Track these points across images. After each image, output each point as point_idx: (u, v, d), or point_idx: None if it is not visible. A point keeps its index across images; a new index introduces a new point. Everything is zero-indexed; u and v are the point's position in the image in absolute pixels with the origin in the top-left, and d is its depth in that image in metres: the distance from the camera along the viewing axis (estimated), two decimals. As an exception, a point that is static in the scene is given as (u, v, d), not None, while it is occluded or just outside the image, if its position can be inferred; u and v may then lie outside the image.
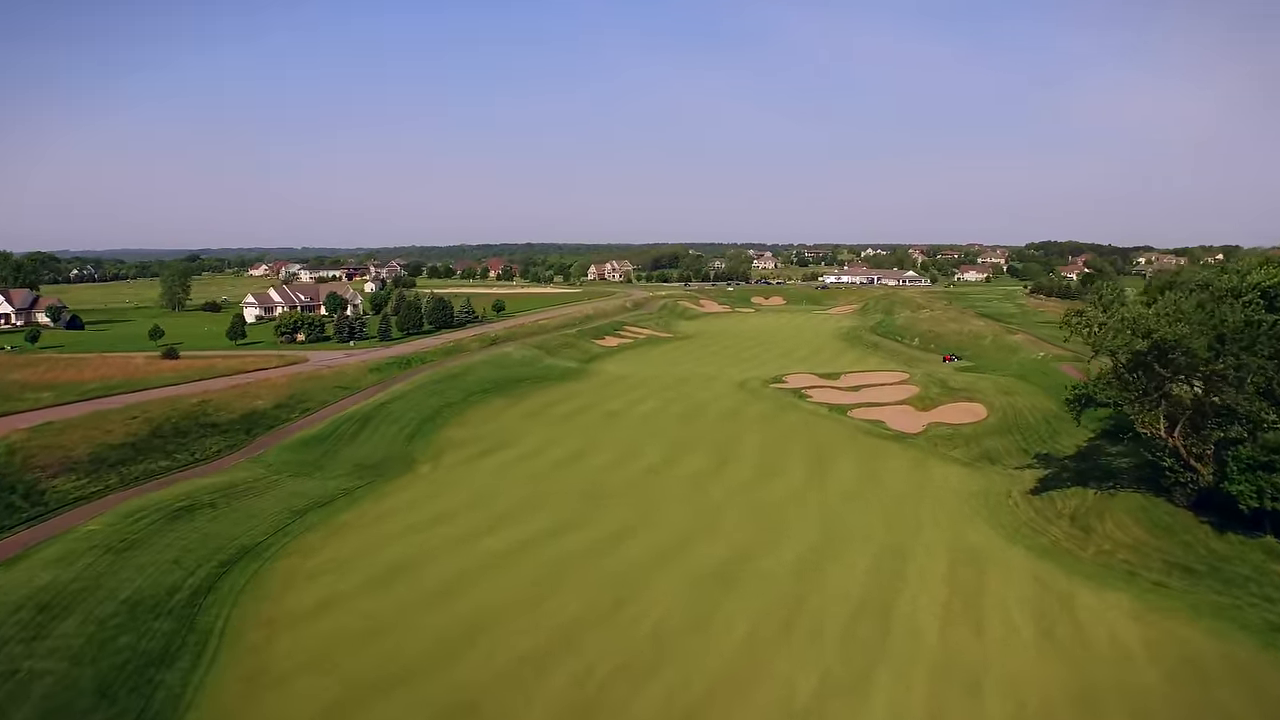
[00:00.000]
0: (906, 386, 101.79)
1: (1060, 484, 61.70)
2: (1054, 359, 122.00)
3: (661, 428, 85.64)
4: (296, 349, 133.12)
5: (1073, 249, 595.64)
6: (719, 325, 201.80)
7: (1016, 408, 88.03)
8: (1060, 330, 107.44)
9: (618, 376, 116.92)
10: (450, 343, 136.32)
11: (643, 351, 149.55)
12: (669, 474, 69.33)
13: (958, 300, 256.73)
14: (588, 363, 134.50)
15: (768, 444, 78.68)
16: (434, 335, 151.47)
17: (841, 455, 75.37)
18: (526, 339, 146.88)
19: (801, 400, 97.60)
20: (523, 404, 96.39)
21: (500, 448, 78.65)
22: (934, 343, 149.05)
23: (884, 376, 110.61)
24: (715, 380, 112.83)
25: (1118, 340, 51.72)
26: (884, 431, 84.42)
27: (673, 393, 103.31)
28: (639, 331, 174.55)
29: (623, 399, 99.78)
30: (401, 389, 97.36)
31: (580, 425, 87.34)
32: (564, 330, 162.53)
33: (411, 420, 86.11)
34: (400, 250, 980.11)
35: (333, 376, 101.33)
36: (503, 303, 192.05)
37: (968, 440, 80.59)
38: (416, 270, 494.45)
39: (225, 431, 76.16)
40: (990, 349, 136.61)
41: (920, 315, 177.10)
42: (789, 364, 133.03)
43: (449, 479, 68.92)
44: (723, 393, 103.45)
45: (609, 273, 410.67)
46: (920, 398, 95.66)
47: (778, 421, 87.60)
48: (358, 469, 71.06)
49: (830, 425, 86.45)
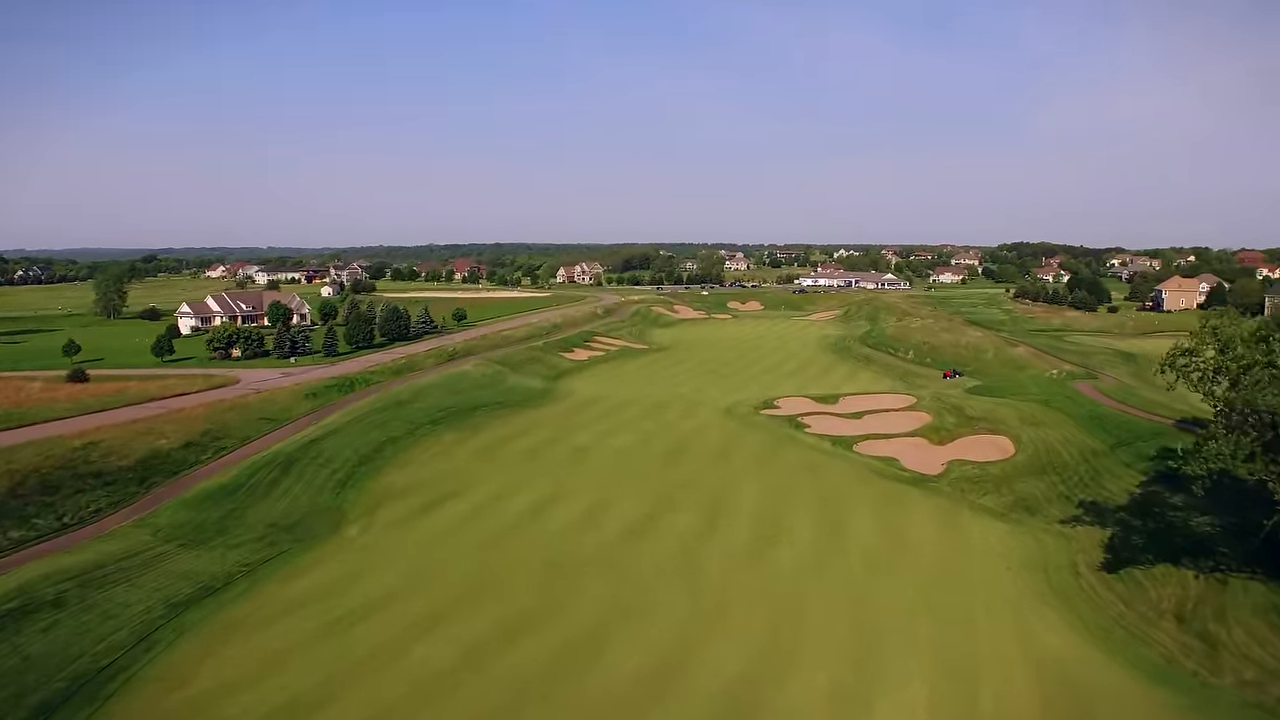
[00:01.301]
0: (916, 414, 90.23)
1: (1137, 555, 50.07)
2: (1067, 376, 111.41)
3: (640, 470, 73.18)
4: (229, 367, 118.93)
5: (1045, 250, 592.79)
6: (696, 334, 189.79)
7: (1047, 442, 76.70)
8: (1058, 339, 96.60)
9: (588, 400, 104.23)
10: (402, 359, 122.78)
11: (616, 366, 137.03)
12: (652, 537, 56.92)
13: (941, 305, 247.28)
14: (555, 380, 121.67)
15: (768, 492, 66.53)
16: (386, 349, 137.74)
17: (856, 506, 63.46)
18: (488, 353, 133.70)
19: (799, 431, 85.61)
20: (478, 438, 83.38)
21: (448, 498, 65.78)
22: (930, 356, 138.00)
23: (888, 400, 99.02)
24: (698, 405, 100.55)
25: (1270, 398, 39.16)
26: (900, 472, 72.65)
27: (651, 422, 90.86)
28: (611, 343, 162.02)
29: (594, 430, 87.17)
30: (338, 421, 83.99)
31: (544, 465, 74.61)
32: (530, 342, 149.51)
33: (345, 462, 72.86)
34: (367, 250, 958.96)
35: (259, 405, 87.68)
36: (464, 311, 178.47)
37: (998, 483, 69.05)
38: (379, 273, 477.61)
39: (112, 483, 62.45)
40: (994, 364, 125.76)
41: (912, 325, 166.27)
42: (777, 381, 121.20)
43: (381, 545, 55.98)
44: (708, 421, 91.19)
45: (579, 275, 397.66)
46: (934, 428, 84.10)
47: (776, 461, 75.50)
48: (270, 532, 57.87)
49: (837, 465, 74.51)
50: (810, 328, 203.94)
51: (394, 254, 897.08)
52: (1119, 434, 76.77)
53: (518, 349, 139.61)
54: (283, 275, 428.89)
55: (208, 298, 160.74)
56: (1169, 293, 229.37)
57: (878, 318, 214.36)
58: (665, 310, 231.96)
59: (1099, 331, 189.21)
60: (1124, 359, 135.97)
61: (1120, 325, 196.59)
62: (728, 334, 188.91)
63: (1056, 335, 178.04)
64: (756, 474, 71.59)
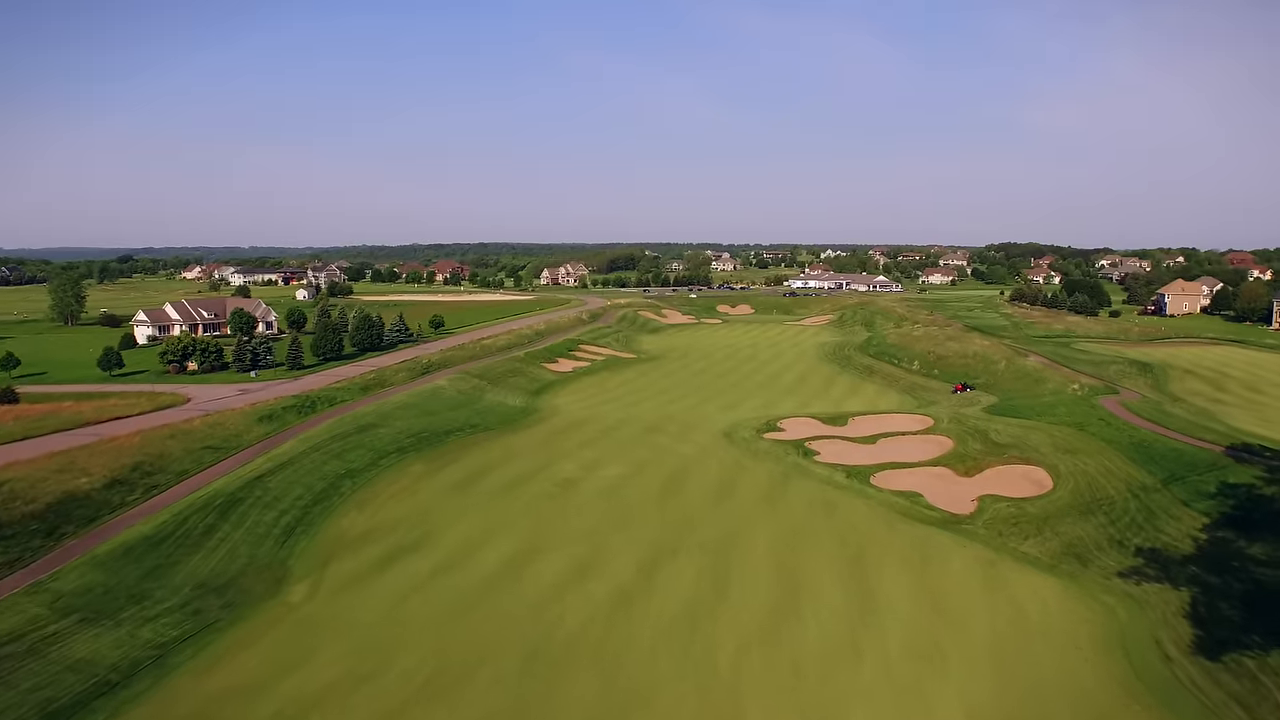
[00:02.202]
0: (936, 438, 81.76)
1: (1236, 632, 41.68)
2: (1090, 392, 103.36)
3: (633, 509, 64.25)
4: (182, 382, 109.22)
5: (1034, 251, 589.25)
6: (686, 340, 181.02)
7: (1088, 474, 68.39)
8: (1064, 346, 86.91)
9: (574, 421, 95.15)
10: (371, 373, 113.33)
11: (602, 380, 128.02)
12: (649, 604, 48.03)
13: (937, 308, 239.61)
14: (537, 396, 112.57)
15: (781, 540, 57.79)
16: (356, 361, 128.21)
17: (885, 560, 54.82)
18: (465, 365, 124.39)
19: (809, 460, 76.88)
20: (450, 469, 74.15)
21: (411, 548, 56.68)
22: (938, 367, 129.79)
23: (902, 421, 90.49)
24: (694, 426, 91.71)
25: None
26: (927, 511, 64.06)
27: (643, 448, 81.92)
28: (597, 352, 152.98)
29: (580, 458, 78.13)
30: (292, 450, 74.58)
31: (524, 504, 65.56)
32: (510, 352, 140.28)
33: (295, 502, 63.57)
34: (349, 250, 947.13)
35: (205, 430, 78.16)
36: (441, 318, 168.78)
37: (1039, 525, 60.61)
38: (359, 274, 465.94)
39: (10, 536, 52.85)
40: (1007, 376, 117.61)
41: (914, 332, 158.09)
42: (776, 397, 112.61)
43: (326, 616, 46.85)
44: (707, 447, 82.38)
45: (563, 277, 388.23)
46: (958, 456, 75.63)
47: (786, 498, 66.74)
48: (197, 596, 48.65)
49: (855, 503, 65.81)
50: (805, 334, 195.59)
51: (377, 254, 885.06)
52: (1168, 465, 68.58)
53: (497, 360, 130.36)
54: (259, 277, 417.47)
55: (165, 305, 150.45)
56: (1172, 296, 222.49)
57: (874, 323, 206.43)
58: (653, 315, 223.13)
59: (1105, 338, 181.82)
60: (1140, 370, 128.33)
61: (1125, 331, 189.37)
62: (719, 341, 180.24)
63: (1062, 342, 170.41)
64: (765, 515, 62.82)
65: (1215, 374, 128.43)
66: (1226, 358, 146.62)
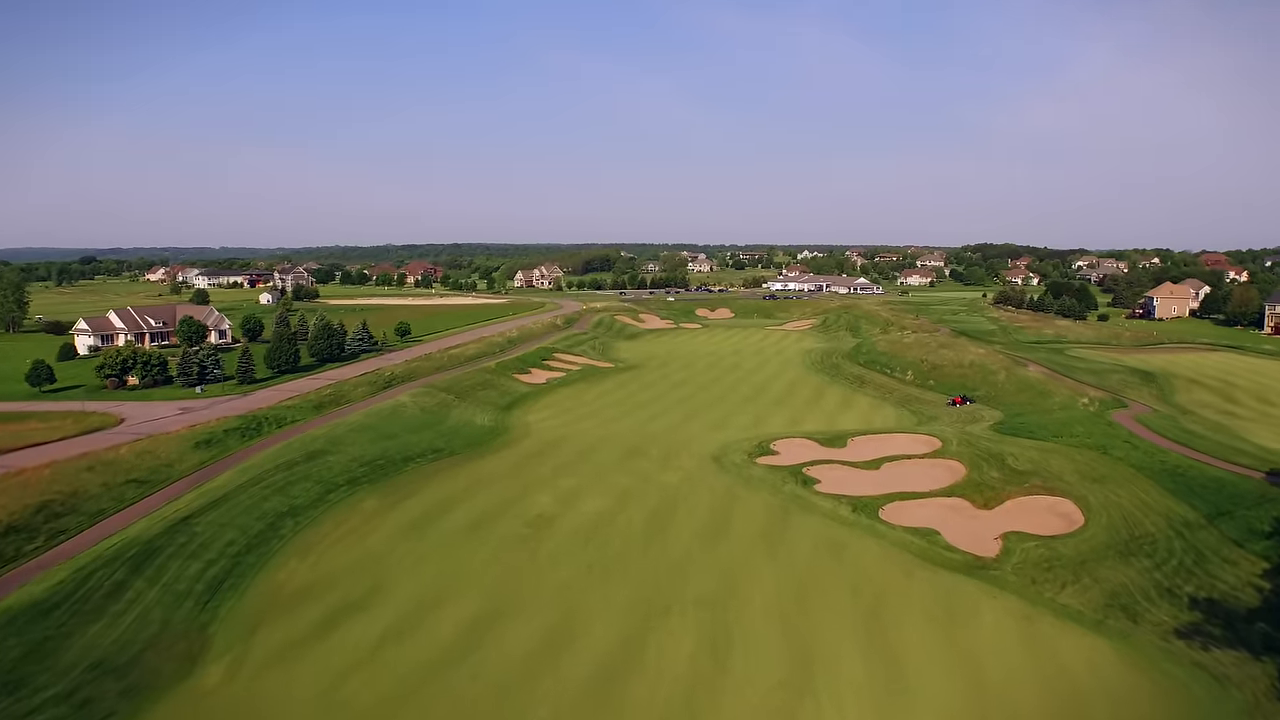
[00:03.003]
0: (946, 463, 74.55)
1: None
2: (1101, 405, 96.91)
3: (615, 557, 56.32)
4: (120, 399, 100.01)
5: (1010, 252, 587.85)
6: (666, 348, 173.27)
7: (1122, 508, 61.44)
8: (1059, 353, 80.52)
9: (547, 442, 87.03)
10: (329, 388, 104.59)
11: (579, 392, 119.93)
12: (638, 684, 40.18)
13: (921, 312, 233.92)
14: (508, 412, 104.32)
15: (787, 593, 50.14)
16: (314, 373, 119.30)
17: (906, 615, 47.39)
18: (431, 378, 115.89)
19: (809, 490, 69.28)
20: (407, 505, 65.80)
21: (357, 608, 48.43)
22: (932, 377, 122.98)
23: (906, 442, 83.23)
24: (680, 448, 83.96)
25: None
26: (947, 553, 56.67)
27: (625, 475, 74.00)
28: (573, 361, 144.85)
29: (555, 488, 70.06)
30: (228, 483, 65.97)
31: (489, 551, 57.39)
32: (480, 362, 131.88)
33: (226, 551, 55.03)
34: (321, 251, 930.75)
35: (131, 460, 69.31)
36: (408, 325, 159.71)
37: (1075, 570, 53.43)
38: (328, 276, 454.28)
39: None
40: (1009, 388, 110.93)
41: (905, 339, 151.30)
42: (766, 412, 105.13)
43: (247, 708, 38.54)
44: (695, 474, 74.61)
45: (537, 279, 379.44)
46: (974, 485, 68.40)
47: (788, 537, 59.11)
48: (89, 681, 40.14)
49: (865, 544, 58.29)
50: (788, 339, 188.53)
51: (349, 254, 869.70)
52: (1209, 497, 61.88)
53: (466, 371, 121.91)
54: (224, 279, 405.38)
55: (109, 312, 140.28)
56: (1160, 300, 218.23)
57: (860, 328, 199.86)
58: (630, 320, 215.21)
59: (1097, 343, 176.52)
60: (1143, 379, 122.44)
61: (1116, 336, 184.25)
62: (700, 348, 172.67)
63: (1056, 348, 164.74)
64: (766, 559, 55.15)
65: (1221, 383, 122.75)
66: (1227, 365, 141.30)
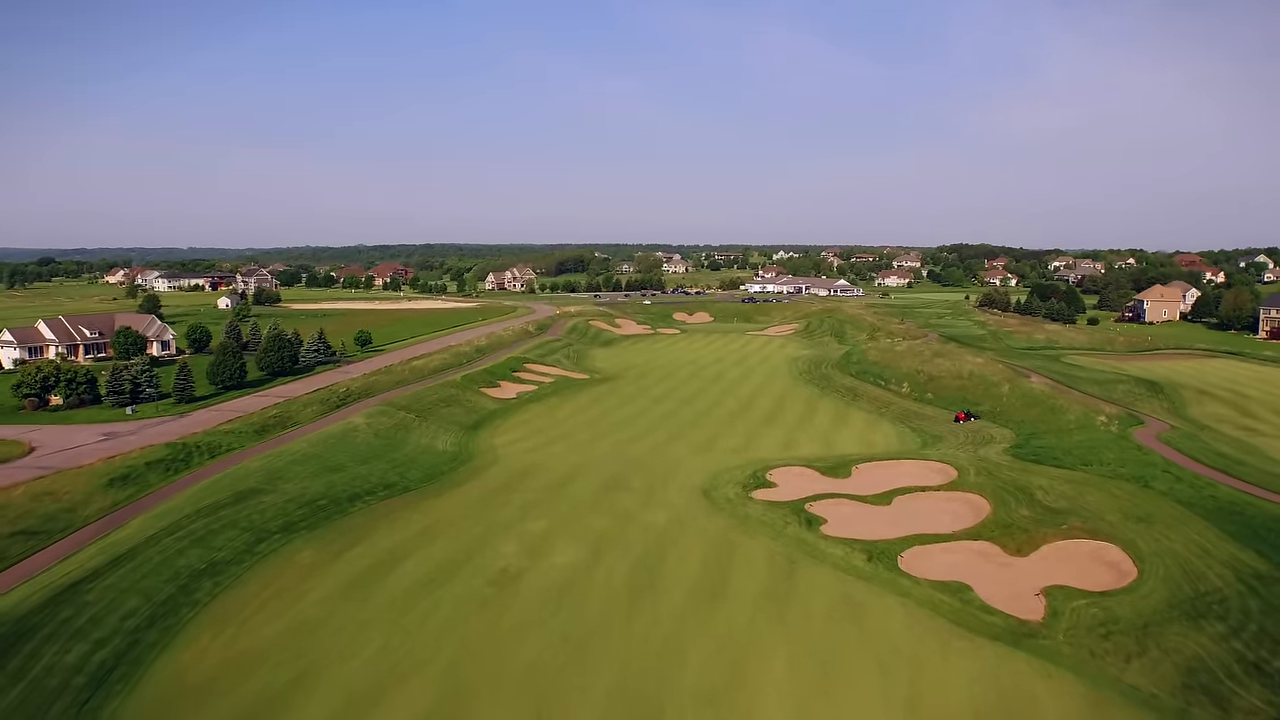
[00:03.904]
0: (966, 496, 66.24)
1: None
2: (1121, 424, 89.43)
3: (593, 623, 47.28)
4: (38, 422, 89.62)
5: (987, 253, 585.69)
6: (644, 356, 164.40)
7: (1177, 555, 53.40)
8: (1055, 360, 73.92)
9: (516, 472, 77.75)
10: (275, 408, 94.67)
11: (551, 408, 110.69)
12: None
13: (906, 315, 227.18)
14: (474, 433, 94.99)
15: (804, 678, 41.34)
16: (261, 390, 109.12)
17: (950, 706, 38.84)
18: (390, 394, 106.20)
19: (815, 533, 60.59)
20: (350, 557, 56.29)
21: (278, 704, 39.01)
22: (930, 389, 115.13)
23: (916, 470, 74.84)
24: (664, 478, 75.09)
25: None
26: (983, 616, 48.17)
27: (603, 515, 64.94)
28: (545, 372, 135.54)
29: (522, 535, 60.81)
30: (139, 533, 56.18)
31: (443, 619, 48.05)
32: (445, 374, 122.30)
33: (122, 626, 45.32)
34: (292, 251, 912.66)
35: (25, 504, 59.30)
36: (369, 334, 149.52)
37: (1138, 636, 45.19)
38: (293, 278, 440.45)
39: None
40: (1015, 403, 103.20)
41: (897, 347, 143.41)
42: (756, 431, 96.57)
43: None
44: (684, 512, 65.71)
45: (509, 281, 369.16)
46: (1002, 525, 60.09)
47: (797, 598, 50.33)
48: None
49: (888, 605, 49.64)
50: (771, 346, 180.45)
51: (320, 255, 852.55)
52: (1277, 541, 54.04)
53: (429, 386, 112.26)
54: (185, 281, 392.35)
55: (39, 322, 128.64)
56: (1150, 303, 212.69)
57: (845, 333, 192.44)
58: (606, 325, 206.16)
59: (1090, 349, 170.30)
60: (1150, 391, 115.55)
61: (1109, 341, 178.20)
62: (680, 356, 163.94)
63: (1051, 355, 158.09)
64: (775, 629, 46.35)
65: (1231, 394, 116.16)
66: (1231, 374, 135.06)
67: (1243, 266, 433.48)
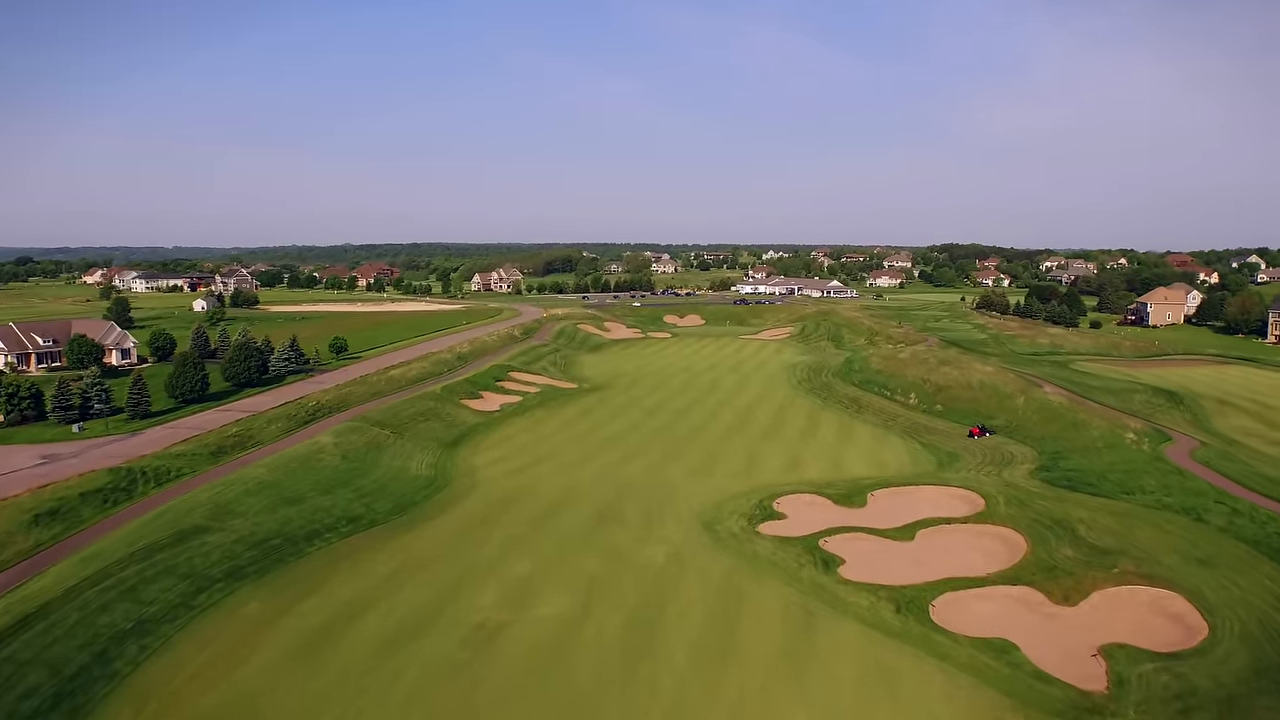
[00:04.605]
0: (995, 529, 59.52)
1: None
2: (1151, 441, 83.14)
3: (584, 694, 40.19)
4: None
5: (977, 252, 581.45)
6: (634, 362, 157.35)
7: (1251, 606, 46.83)
8: (1063, 367, 68.46)
9: (496, 500, 70.59)
10: (236, 425, 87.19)
11: (537, 422, 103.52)
12: None
13: (902, 318, 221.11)
14: (453, 451, 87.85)
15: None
16: (225, 404, 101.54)
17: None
18: (364, 408, 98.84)
19: (833, 577, 53.69)
20: (304, 608, 49.00)
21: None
22: (940, 400, 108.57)
23: (937, 497, 68.00)
24: (661, 507, 68.12)
25: None
26: (1038, 685, 41.35)
27: (594, 554, 57.88)
28: (531, 381, 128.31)
29: (502, 579, 53.66)
30: (56, 584, 48.71)
31: (411, 682, 40.95)
32: (424, 385, 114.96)
33: (18, 710, 37.98)
34: (278, 251, 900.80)
35: (-68, 548, 51.73)
36: (344, 341, 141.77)
37: (1221, 712, 38.56)
38: (275, 279, 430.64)
39: None
40: (1033, 417, 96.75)
41: (900, 354, 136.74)
42: (757, 448, 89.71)
43: None
44: (683, 550, 58.72)
45: (495, 282, 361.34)
46: (1044, 567, 53.33)
47: (819, 663, 43.38)
48: None
49: (925, 670, 42.74)
50: (766, 351, 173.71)
51: (306, 254, 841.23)
52: (1361, 589, 47.53)
53: (406, 398, 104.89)
54: (164, 282, 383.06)
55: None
56: (1154, 306, 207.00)
57: (842, 337, 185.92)
58: (595, 329, 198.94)
59: (1096, 354, 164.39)
60: (1169, 401, 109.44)
61: (1116, 346, 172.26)
62: (672, 362, 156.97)
63: (1058, 361, 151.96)
64: (795, 701, 39.37)
65: (1254, 405, 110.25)
66: (1249, 382, 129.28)
67: (1235, 267, 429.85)
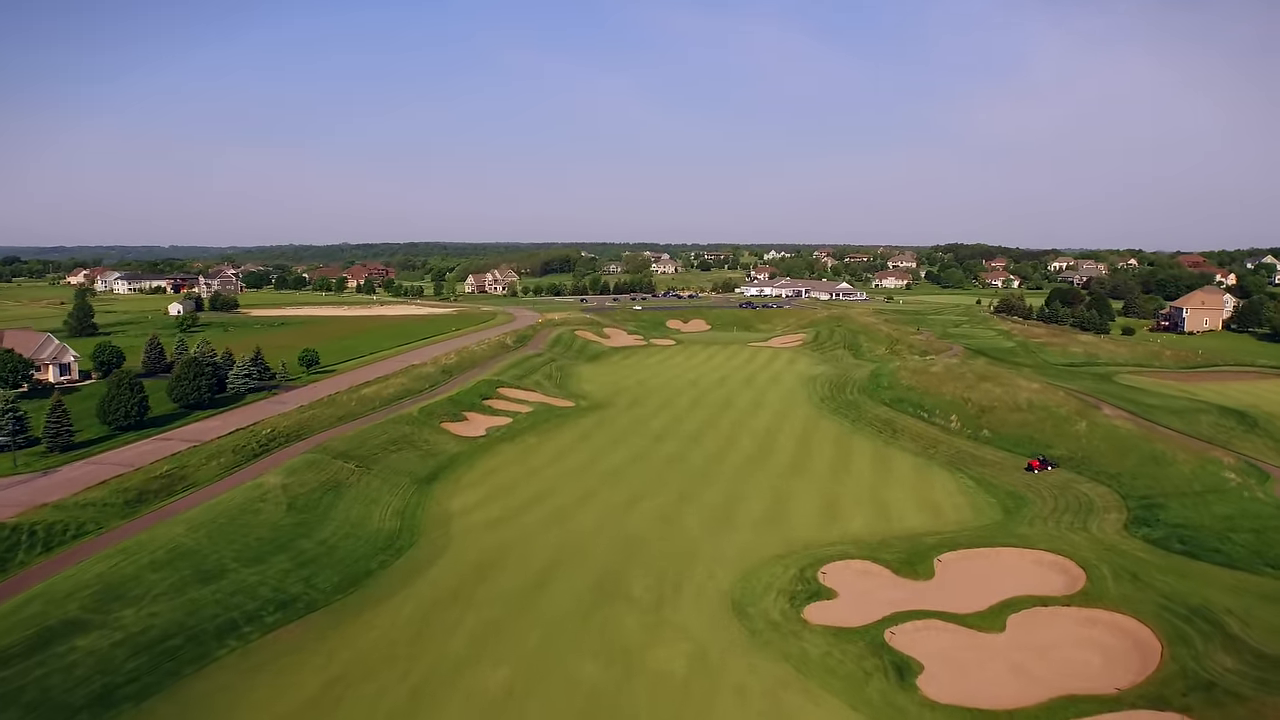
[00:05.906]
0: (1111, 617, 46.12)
1: None
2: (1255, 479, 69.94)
3: None
4: None
5: (983, 252, 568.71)
6: (638, 374, 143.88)
7: None
8: (1108, 381, 57.76)
9: (472, 567, 57.04)
10: (170, 461, 73.72)
11: (527, 452, 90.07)
12: None
13: (920, 323, 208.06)
14: (427, 488, 74.52)
15: None
16: (168, 429, 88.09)
17: None
18: (327, 435, 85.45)
19: (912, 696, 40.06)
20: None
21: None
22: (986, 425, 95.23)
23: (1018, 565, 54.45)
24: (678, 575, 54.70)
25: None
26: None
27: (592, 655, 44.41)
28: (522, 399, 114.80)
29: (470, 699, 40.15)
30: None
31: None
32: (402, 404, 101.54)
33: None
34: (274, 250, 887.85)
35: None
36: (315, 354, 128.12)
37: None
38: (262, 280, 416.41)
39: None
40: (1101, 447, 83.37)
41: (932, 368, 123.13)
42: (784, 485, 76.28)
43: None
44: (710, 653, 45.20)
45: (490, 284, 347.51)
46: (1194, 681, 39.93)
47: None
48: None
49: None
50: (779, 361, 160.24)
51: (302, 254, 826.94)
52: None
53: (378, 421, 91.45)
54: (147, 283, 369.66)
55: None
56: (1191, 311, 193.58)
57: (860, 346, 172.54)
58: (594, 336, 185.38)
59: (1136, 365, 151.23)
60: (1241, 423, 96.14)
61: (1156, 356, 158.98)
62: (678, 374, 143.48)
63: (1099, 374, 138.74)
64: None
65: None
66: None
67: (1251, 268, 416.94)
